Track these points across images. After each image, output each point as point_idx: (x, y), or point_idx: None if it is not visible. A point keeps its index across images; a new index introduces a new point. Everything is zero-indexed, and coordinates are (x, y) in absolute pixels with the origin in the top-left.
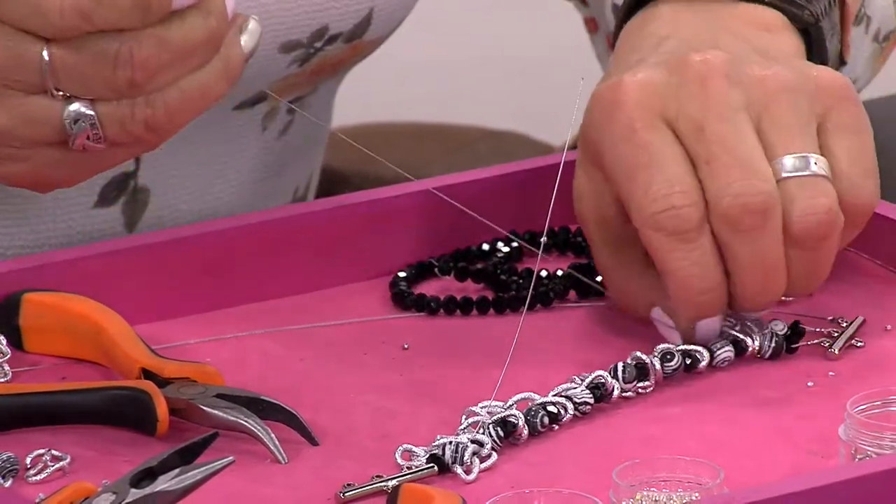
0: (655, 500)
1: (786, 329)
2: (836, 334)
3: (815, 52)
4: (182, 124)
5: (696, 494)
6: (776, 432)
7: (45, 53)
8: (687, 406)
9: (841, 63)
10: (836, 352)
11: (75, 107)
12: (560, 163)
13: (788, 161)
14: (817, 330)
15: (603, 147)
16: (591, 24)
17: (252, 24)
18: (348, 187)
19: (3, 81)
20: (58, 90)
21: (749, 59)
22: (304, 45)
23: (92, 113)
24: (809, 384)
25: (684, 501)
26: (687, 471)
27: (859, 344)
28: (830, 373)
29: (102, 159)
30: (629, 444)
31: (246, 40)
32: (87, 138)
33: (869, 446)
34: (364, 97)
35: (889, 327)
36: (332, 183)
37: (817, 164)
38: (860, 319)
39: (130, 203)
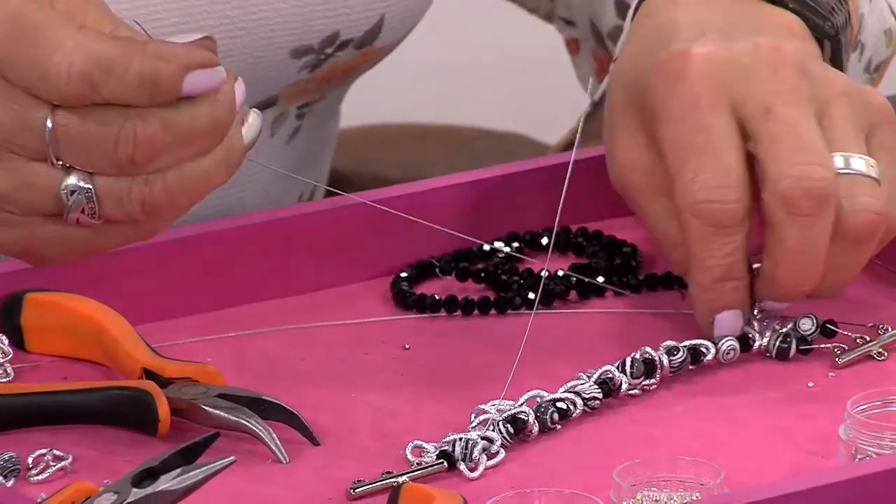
0: (656, 500)
1: (813, 328)
2: (860, 342)
3: (834, 66)
4: (178, 210)
5: (697, 494)
6: (776, 432)
7: (49, 120)
8: (687, 406)
9: None
10: (840, 362)
11: (73, 179)
12: (569, 161)
13: (846, 158)
14: (845, 334)
15: (660, 119)
16: (573, 46)
17: (253, 117)
18: (350, 188)
19: (7, 144)
20: (58, 159)
21: (812, 58)
22: (316, 51)
23: (90, 186)
24: (810, 384)
25: (685, 501)
26: (687, 471)
27: (882, 357)
28: (830, 374)
29: (96, 240)
30: (630, 444)
31: (246, 132)
32: (83, 212)
33: (869, 446)
34: (366, 99)
35: (889, 328)
36: (333, 183)
37: (872, 167)
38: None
39: None
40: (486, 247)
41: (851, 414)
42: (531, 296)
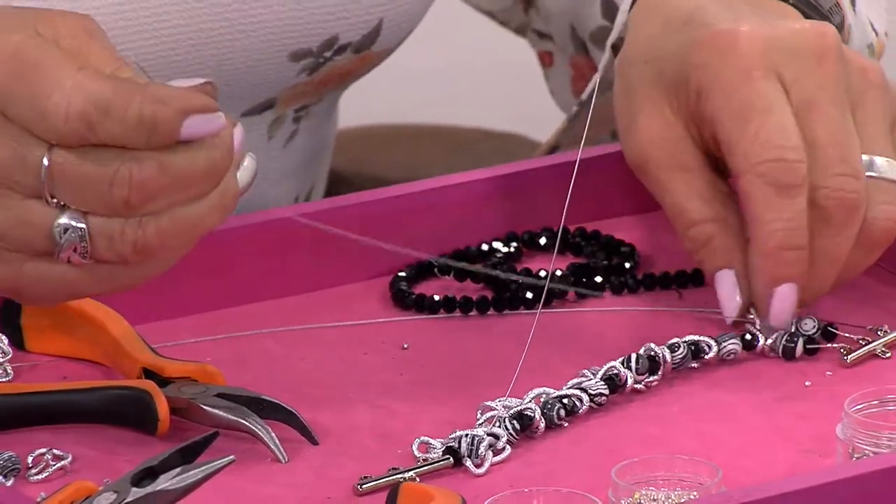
0: (654, 499)
1: (814, 329)
2: (863, 342)
3: None
4: (170, 254)
5: (695, 493)
6: (774, 431)
7: (45, 159)
8: (685, 405)
9: None
10: (847, 360)
11: (67, 218)
12: (567, 161)
13: (871, 160)
14: (846, 335)
15: (710, 91)
16: (547, 58)
17: (248, 161)
18: (348, 188)
19: (3, 180)
20: (53, 197)
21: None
22: (314, 55)
23: (83, 226)
24: (807, 384)
25: (682, 500)
26: (685, 470)
27: (886, 355)
28: (828, 372)
29: (85, 281)
30: (628, 444)
31: (241, 175)
32: (75, 250)
33: (866, 445)
34: (366, 100)
35: (887, 328)
36: (332, 184)
37: (894, 168)
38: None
39: None
40: (485, 246)
41: (849, 413)
42: (528, 295)
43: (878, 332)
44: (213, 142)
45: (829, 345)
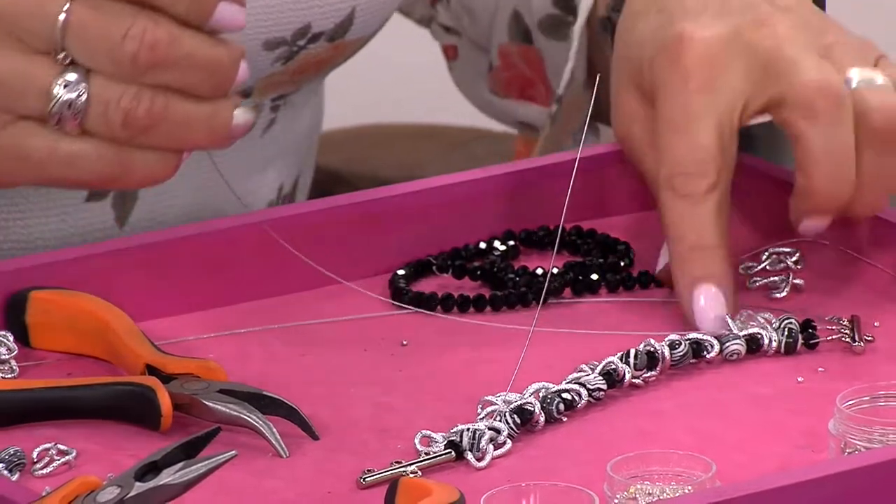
0: (649, 494)
1: (798, 327)
2: (847, 331)
3: None
4: (156, 142)
5: (689, 487)
6: (767, 427)
7: (63, 11)
8: (679, 401)
9: None
10: (862, 345)
11: (69, 74)
12: (575, 158)
13: (857, 73)
14: (826, 328)
15: (657, 93)
16: (451, 52)
17: (245, 110)
18: (346, 188)
19: (15, 29)
20: (61, 53)
21: (806, 19)
22: (288, 43)
23: (84, 84)
24: (799, 380)
25: (677, 494)
26: (680, 464)
27: (869, 338)
28: (820, 368)
29: (70, 157)
30: (623, 439)
31: (237, 112)
32: (69, 107)
33: (858, 440)
34: (361, 98)
35: (877, 324)
36: (329, 183)
37: (886, 78)
38: (855, 317)
39: (121, 197)
40: (483, 245)
41: (841, 409)
42: (523, 290)
43: (840, 322)
44: (224, 45)
45: (828, 339)
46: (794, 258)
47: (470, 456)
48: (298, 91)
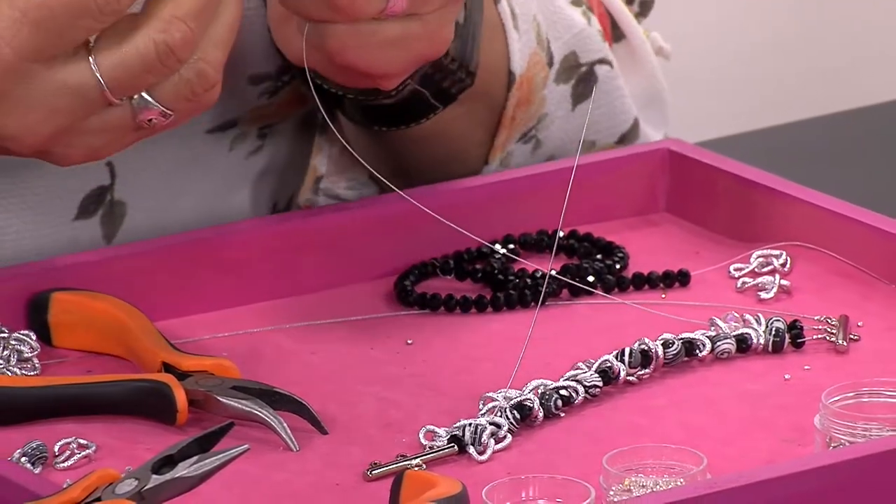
0: (643, 486)
1: (785, 326)
2: (832, 331)
3: None
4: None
5: (681, 480)
6: (756, 422)
7: (97, 73)
8: (672, 398)
9: None
10: (846, 344)
11: (143, 105)
12: (572, 166)
13: None
14: (814, 328)
15: None
16: None
17: None
18: None
19: (77, 121)
20: (120, 98)
21: None
22: (273, 78)
23: (156, 104)
24: (786, 377)
25: (670, 486)
26: (672, 458)
27: (854, 337)
28: (806, 367)
29: (173, 123)
30: (618, 434)
31: None
32: (157, 118)
33: (842, 435)
34: None
35: (861, 324)
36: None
37: None
38: (843, 317)
39: (108, 216)
40: (484, 248)
41: (826, 405)
42: (525, 292)
43: (829, 321)
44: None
45: (813, 338)
46: (781, 260)
47: (472, 450)
48: (285, 121)
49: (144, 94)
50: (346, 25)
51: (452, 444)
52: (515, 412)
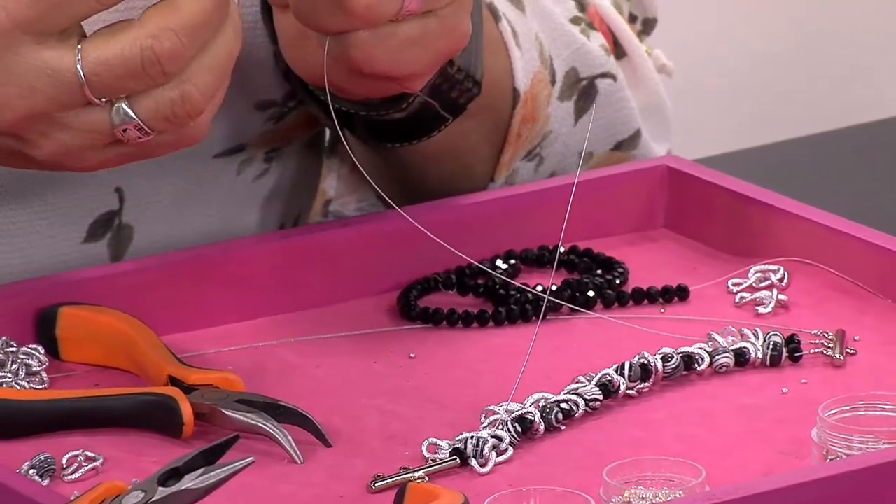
0: (642, 498)
1: (782, 341)
2: (829, 345)
3: None
4: (217, 95)
5: (680, 492)
6: (753, 435)
7: (79, 66)
8: (671, 411)
9: None
10: (842, 358)
11: (119, 113)
12: (573, 183)
13: None
14: (810, 342)
15: None
16: None
17: None
18: None
19: (52, 111)
20: (101, 99)
21: None
22: (279, 104)
23: (134, 116)
24: (784, 391)
25: (669, 498)
26: (671, 470)
27: (851, 352)
28: (803, 380)
29: (152, 148)
30: (617, 446)
31: None
32: (138, 130)
33: (839, 448)
34: None
35: (857, 338)
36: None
37: None
38: (840, 331)
39: (115, 239)
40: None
41: (823, 418)
42: (527, 306)
43: (826, 336)
44: None
45: (810, 352)
46: (779, 275)
47: (474, 462)
48: (291, 144)
49: (123, 104)
50: (367, 33)
51: (455, 457)
52: (517, 425)
